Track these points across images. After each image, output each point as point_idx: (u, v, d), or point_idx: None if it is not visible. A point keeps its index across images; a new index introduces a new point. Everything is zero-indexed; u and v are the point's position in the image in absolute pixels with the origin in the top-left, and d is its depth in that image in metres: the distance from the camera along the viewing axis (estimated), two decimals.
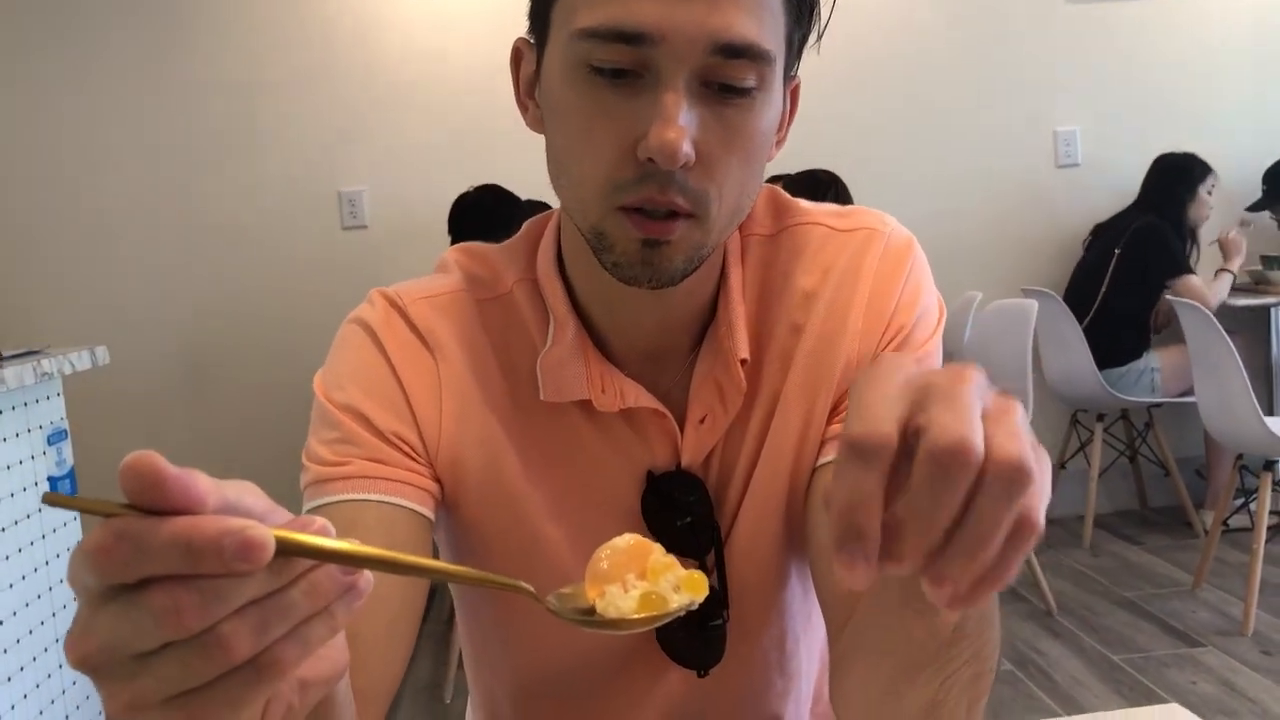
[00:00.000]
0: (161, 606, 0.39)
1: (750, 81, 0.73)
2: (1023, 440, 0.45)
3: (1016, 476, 0.44)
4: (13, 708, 2.15)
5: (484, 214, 3.12)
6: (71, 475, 2.48)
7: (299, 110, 3.89)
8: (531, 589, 0.50)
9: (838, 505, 0.45)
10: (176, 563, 0.39)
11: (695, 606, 0.51)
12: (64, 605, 2.39)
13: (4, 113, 3.79)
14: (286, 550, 0.41)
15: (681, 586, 0.51)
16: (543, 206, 2.44)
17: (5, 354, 2.28)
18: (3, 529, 2.18)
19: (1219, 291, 3.84)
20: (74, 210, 3.84)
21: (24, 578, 2.24)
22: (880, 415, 0.46)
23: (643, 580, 0.51)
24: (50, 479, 2.39)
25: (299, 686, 0.45)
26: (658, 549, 0.53)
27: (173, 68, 3.84)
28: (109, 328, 3.70)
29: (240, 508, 0.42)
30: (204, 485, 0.40)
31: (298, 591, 0.42)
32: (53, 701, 2.31)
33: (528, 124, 0.84)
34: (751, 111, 0.74)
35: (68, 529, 2.45)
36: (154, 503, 0.40)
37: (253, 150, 3.89)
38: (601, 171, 0.74)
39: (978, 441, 0.44)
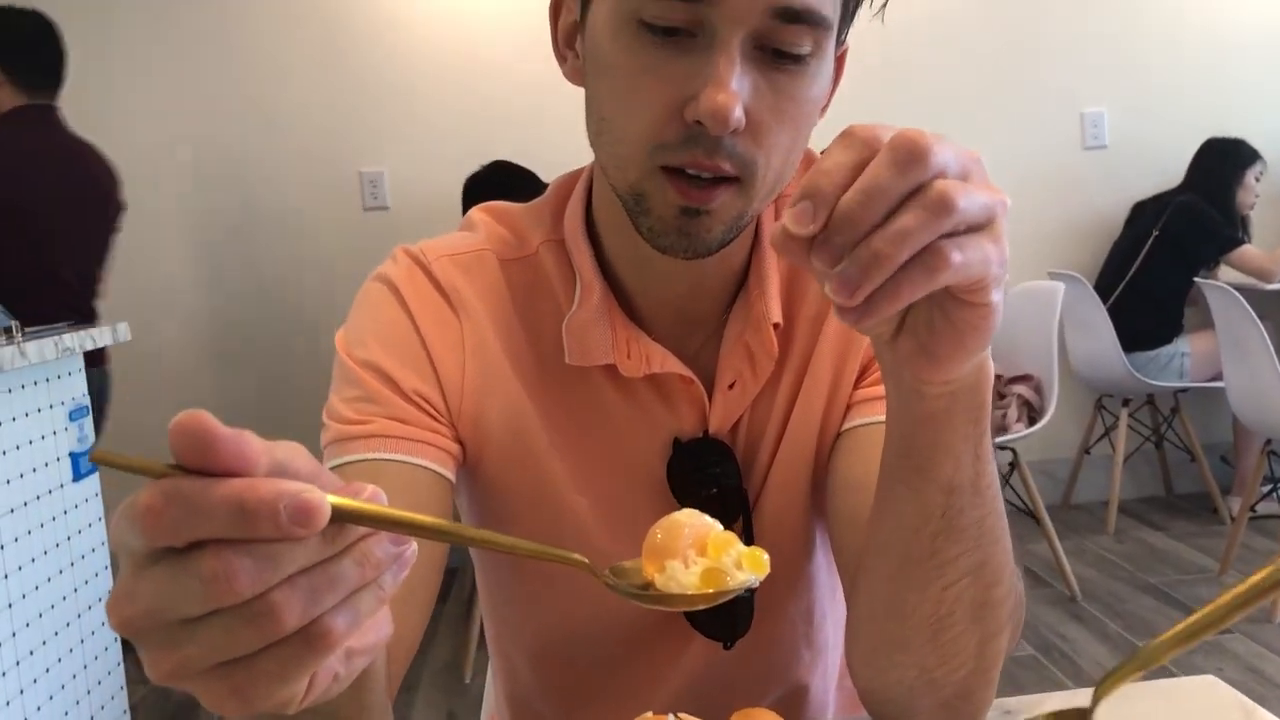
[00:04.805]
0: (211, 571, 0.37)
1: (806, 48, 0.71)
2: (969, 189, 0.48)
3: (942, 205, 0.47)
4: (35, 681, 2.15)
5: (499, 192, 3.09)
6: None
7: (319, 91, 3.87)
8: (587, 561, 0.48)
9: (813, 170, 0.49)
10: (229, 526, 0.37)
11: (756, 584, 0.49)
12: (85, 581, 2.39)
13: None
14: (341, 516, 0.39)
15: (744, 563, 0.49)
16: None
17: (27, 330, 2.27)
18: (25, 504, 2.17)
19: None
20: None
21: (46, 553, 2.24)
22: (881, 130, 0.50)
23: (703, 556, 0.49)
24: (72, 455, 2.38)
25: (344, 656, 0.44)
26: (716, 525, 0.51)
27: (194, 50, 3.83)
28: (130, 307, 3.69)
29: (290, 469, 0.40)
30: (256, 446, 0.39)
31: (349, 561, 0.40)
32: (74, 675, 2.31)
33: (565, 75, 0.82)
34: (805, 79, 0.72)
35: (89, 505, 2.44)
36: (205, 464, 0.38)
37: (273, 131, 3.87)
38: (645, 130, 0.71)
39: (935, 151, 0.48)
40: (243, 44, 3.84)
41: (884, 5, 0.79)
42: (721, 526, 0.51)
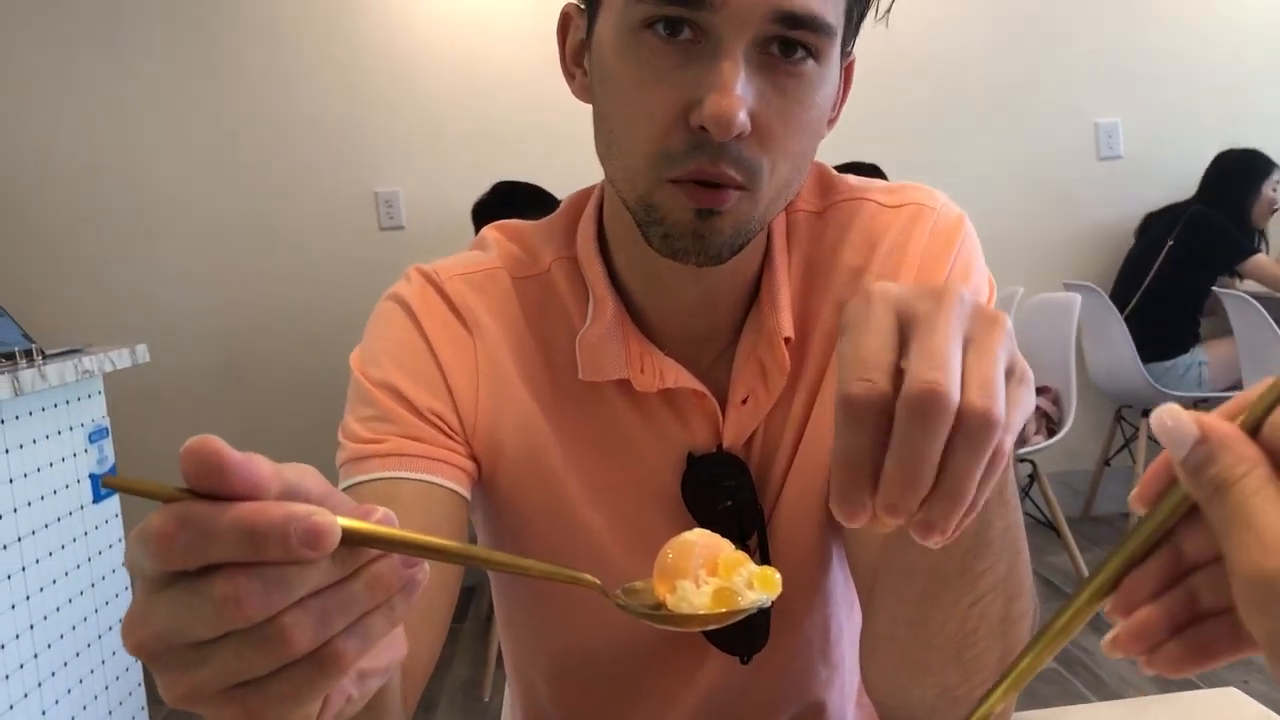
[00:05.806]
0: (223, 594, 0.38)
1: (810, 53, 0.71)
2: (995, 383, 0.47)
3: (984, 427, 0.47)
4: (56, 702, 2.16)
5: (507, 213, 3.08)
6: (113, 473, 2.49)
7: (334, 111, 3.89)
8: (599, 583, 0.48)
9: (835, 461, 0.48)
10: (240, 549, 0.38)
11: (768, 604, 0.49)
12: (106, 602, 2.40)
13: (42, 114, 3.82)
14: (351, 539, 0.39)
15: (755, 583, 0.49)
16: None
17: (47, 352, 2.29)
18: (46, 525, 2.19)
19: None
20: (112, 212, 3.86)
21: (67, 574, 2.25)
22: (870, 363, 0.48)
23: (714, 576, 0.49)
24: (92, 476, 2.40)
25: (357, 678, 0.44)
26: (727, 545, 0.51)
27: (210, 71, 3.86)
28: (148, 327, 3.72)
29: (300, 491, 0.40)
30: (266, 470, 0.39)
31: (360, 584, 0.41)
32: (96, 697, 2.32)
33: (573, 92, 0.82)
34: (809, 84, 0.72)
35: (109, 526, 2.46)
36: (215, 488, 0.38)
37: (288, 151, 3.89)
38: (652, 138, 0.72)
39: (951, 387, 0.46)
40: (258, 64, 3.87)
41: (889, 10, 0.80)
42: (733, 546, 0.51)
